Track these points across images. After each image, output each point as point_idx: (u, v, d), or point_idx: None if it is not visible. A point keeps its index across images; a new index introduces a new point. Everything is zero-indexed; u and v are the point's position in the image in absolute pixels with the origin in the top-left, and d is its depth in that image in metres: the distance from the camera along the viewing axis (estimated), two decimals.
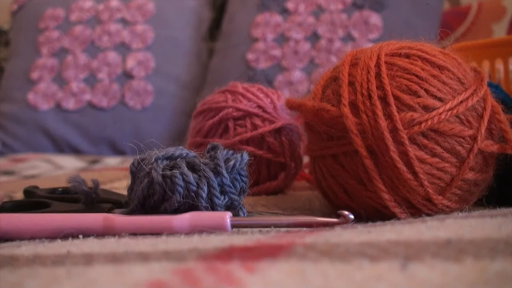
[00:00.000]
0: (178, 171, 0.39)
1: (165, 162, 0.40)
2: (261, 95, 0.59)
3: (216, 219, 0.37)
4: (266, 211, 0.47)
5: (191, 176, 0.39)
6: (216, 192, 0.39)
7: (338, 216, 0.37)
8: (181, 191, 0.39)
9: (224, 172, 0.40)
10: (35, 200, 0.46)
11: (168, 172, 0.39)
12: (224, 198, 0.40)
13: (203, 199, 0.39)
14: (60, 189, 0.50)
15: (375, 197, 0.40)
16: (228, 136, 0.56)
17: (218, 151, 0.41)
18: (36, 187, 0.51)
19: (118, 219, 0.38)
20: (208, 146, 0.42)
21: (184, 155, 0.41)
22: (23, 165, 1.04)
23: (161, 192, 0.39)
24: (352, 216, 0.37)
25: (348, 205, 0.43)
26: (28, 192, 0.50)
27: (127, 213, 0.40)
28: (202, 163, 0.40)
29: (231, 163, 0.41)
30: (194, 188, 0.39)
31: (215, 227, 0.37)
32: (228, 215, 0.37)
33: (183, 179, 0.39)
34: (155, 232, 0.37)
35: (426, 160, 0.39)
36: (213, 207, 0.39)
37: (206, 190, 0.39)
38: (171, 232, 0.37)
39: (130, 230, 0.37)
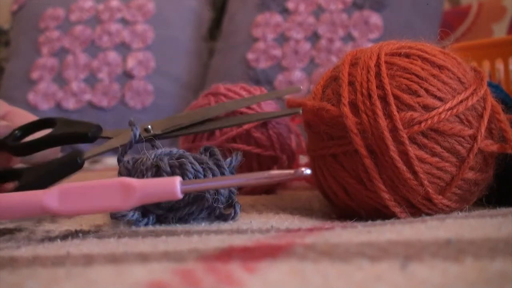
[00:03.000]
0: (186, 160, 0.39)
1: (167, 157, 0.41)
2: (243, 93, 0.59)
3: (165, 184, 0.34)
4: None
5: (198, 165, 0.39)
6: None
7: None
8: (191, 177, 0.39)
9: (225, 165, 0.41)
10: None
11: (176, 162, 0.39)
12: (225, 190, 0.40)
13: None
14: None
15: (375, 196, 0.40)
16: (215, 137, 0.56)
17: (215, 150, 0.42)
18: None
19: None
20: (201, 149, 0.43)
21: (182, 152, 0.42)
22: (23, 165, 1.04)
23: None
24: (309, 171, 0.33)
25: (348, 205, 0.43)
26: None
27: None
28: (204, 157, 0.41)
29: (228, 160, 0.42)
30: (202, 177, 0.39)
31: (165, 193, 0.34)
32: (178, 179, 0.35)
33: (192, 167, 0.39)
34: (107, 207, 0.35)
35: (426, 160, 0.39)
36: (218, 197, 0.40)
37: None
38: (116, 209, 0.35)
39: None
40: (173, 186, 0.34)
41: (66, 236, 0.37)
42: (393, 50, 0.42)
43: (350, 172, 0.41)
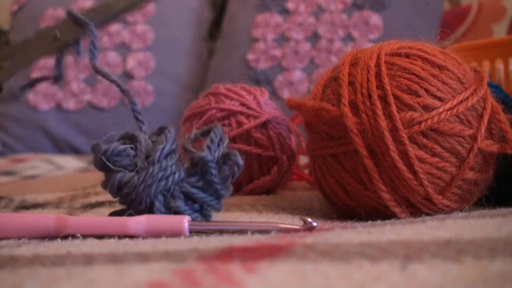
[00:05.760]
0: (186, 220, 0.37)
1: (163, 198, 0.38)
2: (243, 93, 0.60)
3: (173, 223, 0.36)
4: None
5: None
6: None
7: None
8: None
9: (219, 183, 0.39)
10: None
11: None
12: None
13: None
14: None
15: (375, 196, 0.40)
16: None
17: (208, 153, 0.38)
18: None
19: (71, 219, 0.37)
20: (195, 132, 0.42)
21: (177, 181, 0.38)
22: (23, 165, 1.04)
23: None
24: (315, 224, 0.35)
25: (348, 205, 0.43)
26: None
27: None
28: (195, 190, 0.38)
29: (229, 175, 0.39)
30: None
31: (173, 231, 0.35)
32: (186, 219, 0.36)
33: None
34: (110, 234, 0.36)
35: (426, 160, 0.39)
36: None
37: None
38: (127, 234, 0.36)
39: (83, 231, 0.36)
40: (181, 226, 0.36)
41: (66, 235, 0.37)
42: (393, 50, 0.42)
43: (350, 172, 0.41)
